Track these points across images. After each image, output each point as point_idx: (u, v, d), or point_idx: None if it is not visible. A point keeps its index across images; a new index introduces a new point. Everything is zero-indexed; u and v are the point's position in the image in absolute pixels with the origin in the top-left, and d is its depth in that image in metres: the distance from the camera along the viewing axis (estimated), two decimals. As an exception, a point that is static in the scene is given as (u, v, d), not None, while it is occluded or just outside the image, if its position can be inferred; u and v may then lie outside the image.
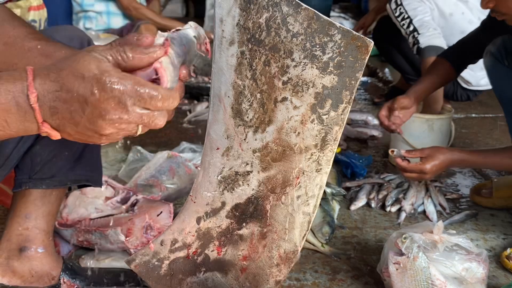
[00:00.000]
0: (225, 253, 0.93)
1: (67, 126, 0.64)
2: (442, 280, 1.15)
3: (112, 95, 0.61)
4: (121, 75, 0.62)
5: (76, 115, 0.63)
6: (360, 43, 0.73)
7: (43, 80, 0.63)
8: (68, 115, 0.63)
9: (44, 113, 0.63)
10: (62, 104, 0.63)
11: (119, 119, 0.63)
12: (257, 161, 0.84)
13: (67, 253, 1.41)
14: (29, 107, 0.62)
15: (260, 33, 0.75)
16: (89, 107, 0.62)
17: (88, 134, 0.65)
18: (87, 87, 0.61)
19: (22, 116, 0.63)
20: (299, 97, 0.78)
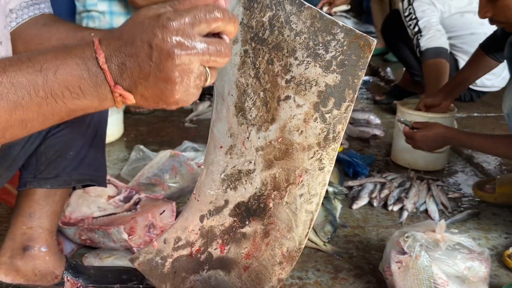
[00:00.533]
0: (228, 251, 0.94)
1: (138, 83, 0.63)
2: (444, 279, 1.15)
3: (175, 28, 0.60)
4: (176, 12, 0.62)
5: (145, 65, 0.62)
6: (363, 41, 0.74)
7: (107, 41, 0.63)
8: (137, 69, 0.62)
9: (114, 73, 0.63)
10: (129, 58, 0.62)
11: (186, 54, 0.61)
12: (260, 160, 0.85)
13: (70, 251, 1.41)
14: (99, 69, 0.62)
15: (264, 32, 0.76)
16: (155, 51, 0.61)
17: (161, 88, 0.63)
18: (148, 31, 0.61)
19: (94, 81, 0.63)
20: (302, 95, 0.79)
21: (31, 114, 0.62)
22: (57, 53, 0.63)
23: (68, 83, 0.62)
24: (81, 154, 1.20)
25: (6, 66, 0.61)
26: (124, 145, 2.35)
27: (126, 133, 2.47)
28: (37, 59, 0.62)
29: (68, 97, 0.63)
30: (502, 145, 1.59)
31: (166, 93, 0.64)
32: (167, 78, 0.62)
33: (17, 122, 0.62)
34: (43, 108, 0.63)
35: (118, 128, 2.41)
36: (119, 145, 2.33)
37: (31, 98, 0.61)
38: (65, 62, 0.62)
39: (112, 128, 2.30)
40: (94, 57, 0.62)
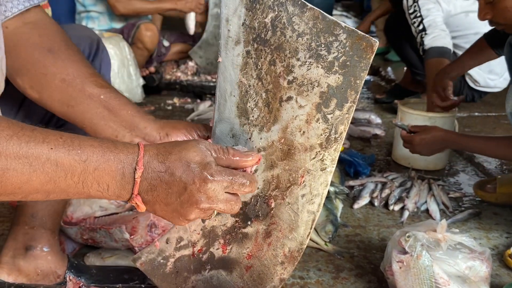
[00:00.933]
0: (230, 251, 0.94)
1: (157, 204, 0.72)
2: (445, 279, 1.16)
3: (210, 185, 0.70)
4: (220, 169, 0.72)
5: (172, 197, 0.71)
6: (365, 42, 0.74)
7: (151, 158, 0.71)
8: (163, 195, 0.71)
9: (142, 187, 0.71)
10: (161, 184, 0.71)
11: (209, 206, 0.72)
12: (262, 160, 0.85)
13: (72, 251, 1.41)
14: (132, 179, 0.70)
15: (266, 33, 0.76)
16: (187, 194, 0.70)
17: (173, 216, 0.73)
18: (189, 175, 0.70)
19: (122, 185, 0.71)
20: (304, 96, 0.79)
21: (58, 190, 0.69)
22: (105, 151, 0.70)
23: (101, 179, 0.69)
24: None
25: (58, 147, 0.67)
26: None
27: (127, 133, 2.47)
28: (86, 150, 0.69)
29: (95, 189, 0.70)
30: (503, 147, 1.59)
31: (175, 220, 0.74)
32: (184, 214, 0.73)
33: (43, 192, 0.69)
34: (69, 188, 0.69)
35: (119, 128, 2.40)
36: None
37: (65, 180, 0.68)
38: (107, 163, 0.69)
39: (113, 127, 2.30)
40: (133, 167, 0.70)
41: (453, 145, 1.76)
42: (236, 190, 0.74)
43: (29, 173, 0.66)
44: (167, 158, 0.70)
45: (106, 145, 0.70)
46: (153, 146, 0.73)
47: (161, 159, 0.70)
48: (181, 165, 0.70)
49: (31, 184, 0.67)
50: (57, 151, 0.67)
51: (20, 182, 0.66)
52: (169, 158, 0.70)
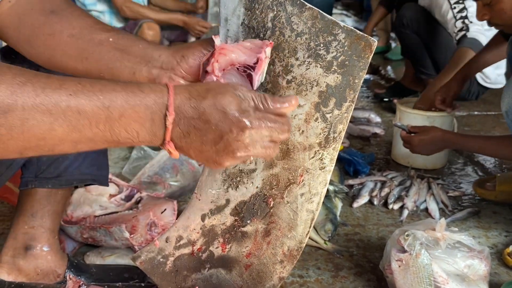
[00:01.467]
0: (230, 250, 0.94)
1: (192, 150, 0.68)
2: (444, 277, 1.16)
3: (248, 133, 0.66)
4: (259, 116, 0.67)
5: (207, 145, 0.67)
6: (364, 42, 0.74)
7: (183, 103, 0.65)
8: (198, 143, 0.67)
9: (175, 135, 0.66)
10: (195, 131, 0.66)
11: (246, 155, 0.68)
12: (261, 159, 0.85)
13: (72, 250, 1.42)
14: (163, 125, 0.65)
15: (265, 33, 0.76)
16: (223, 143, 0.66)
17: (208, 161, 0.69)
18: (226, 123, 0.65)
19: (153, 132, 0.66)
20: (303, 95, 0.79)
21: (84, 139, 0.65)
22: (130, 95, 0.64)
23: (129, 126, 0.65)
24: (83, 153, 1.20)
25: (78, 92, 0.62)
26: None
27: (127, 132, 2.47)
28: (108, 95, 0.64)
29: (124, 136, 0.66)
30: (503, 147, 1.59)
31: (210, 165, 0.70)
32: (219, 162, 0.69)
33: (70, 142, 0.65)
34: (97, 137, 0.65)
35: (119, 127, 2.41)
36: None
37: (90, 128, 0.64)
38: (133, 109, 0.64)
39: (113, 126, 2.30)
40: (164, 113, 0.65)
41: (452, 145, 1.76)
42: (275, 138, 0.70)
43: (50, 122, 0.61)
44: (201, 103, 0.65)
45: (130, 89, 0.65)
46: (183, 89, 0.68)
47: (194, 104, 0.65)
48: (217, 112, 0.65)
49: (54, 134, 0.62)
50: (76, 97, 0.62)
51: (43, 132, 0.61)
52: (203, 103, 0.65)
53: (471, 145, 1.69)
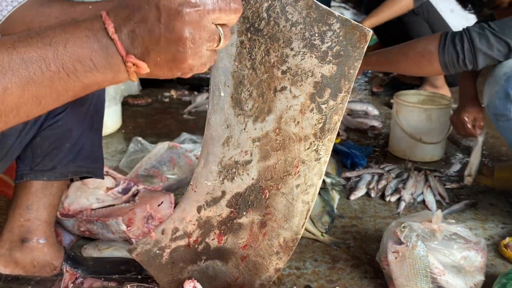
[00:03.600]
0: (226, 241, 0.94)
1: (150, 49, 0.62)
2: (440, 269, 1.16)
3: None
4: None
5: (155, 28, 0.61)
6: (359, 32, 0.74)
7: (115, 11, 0.62)
8: (147, 34, 0.61)
9: (124, 43, 0.62)
10: (138, 25, 0.61)
11: (196, 11, 0.60)
12: (256, 150, 0.85)
13: (69, 243, 1.42)
14: (109, 40, 0.61)
15: (259, 23, 0.76)
16: (163, 11, 0.60)
17: (173, 51, 0.62)
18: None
19: (105, 52, 0.62)
20: (298, 86, 0.79)
21: (44, 90, 0.61)
22: (66, 27, 0.62)
23: (79, 55, 0.61)
24: (78, 145, 1.20)
25: (16, 42, 0.60)
26: (122, 137, 2.35)
27: (124, 125, 2.47)
28: (46, 34, 0.61)
29: (81, 70, 0.62)
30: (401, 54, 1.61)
31: (178, 56, 0.62)
32: (178, 38, 0.61)
33: (31, 98, 0.61)
34: (55, 83, 0.61)
35: (116, 120, 2.41)
36: (117, 137, 2.33)
37: (42, 73, 0.60)
38: (74, 35, 0.61)
39: (111, 120, 2.30)
40: (103, 28, 0.61)
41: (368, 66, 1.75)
42: None
43: (0, 81, 0.59)
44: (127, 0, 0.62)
45: (66, 24, 0.63)
46: (108, 3, 0.69)
47: (123, 5, 0.62)
48: None
49: (10, 92, 0.59)
50: (17, 48, 0.60)
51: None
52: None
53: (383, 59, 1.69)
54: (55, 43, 0.60)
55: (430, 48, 1.52)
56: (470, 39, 1.47)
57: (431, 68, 1.56)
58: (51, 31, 0.61)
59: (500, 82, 1.43)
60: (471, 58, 1.49)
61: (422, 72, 1.78)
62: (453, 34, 1.51)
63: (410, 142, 2.09)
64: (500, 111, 1.44)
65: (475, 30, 1.47)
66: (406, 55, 1.60)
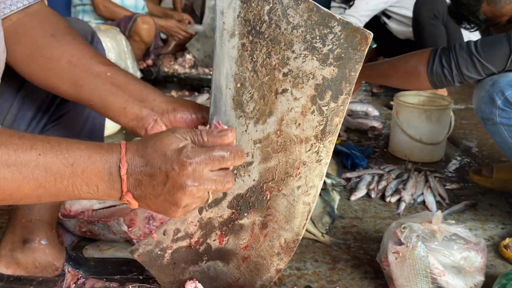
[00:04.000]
0: (227, 242, 0.95)
1: (148, 197, 0.74)
2: (440, 269, 1.17)
3: (190, 168, 0.71)
4: (195, 150, 0.72)
5: (158, 188, 0.72)
6: (360, 35, 0.74)
7: (132, 155, 0.72)
8: (150, 188, 0.73)
9: (129, 184, 0.72)
10: (146, 178, 0.72)
11: (197, 188, 0.72)
12: (258, 152, 0.86)
13: (71, 243, 1.42)
14: (118, 177, 0.72)
15: (261, 25, 0.76)
16: (170, 181, 0.71)
17: (166, 207, 0.74)
18: (167, 163, 0.71)
19: (111, 184, 0.72)
20: (300, 88, 0.79)
21: (48, 194, 0.71)
22: (91, 153, 0.72)
23: (90, 181, 0.72)
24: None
25: (46, 152, 0.69)
26: (123, 137, 2.35)
27: (125, 126, 2.47)
28: (73, 154, 0.71)
29: (85, 191, 0.72)
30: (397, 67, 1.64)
31: (169, 211, 0.75)
32: (175, 202, 0.73)
33: (34, 196, 0.71)
34: (60, 192, 0.71)
35: (117, 121, 2.41)
36: (118, 138, 2.34)
37: (54, 184, 0.70)
38: (94, 165, 0.71)
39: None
40: (118, 165, 0.72)
41: (363, 78, 1.77)
42: (219, 165, 0.74)
43: (19, 180, 0.68)
44: (145, 151, 0.72)
45: (92, 147, 0.72)
46: (133, 143, 0.74)
47: (140, 154, 0.72)
48: (158, 155, 0.72)
49: (21, 190, 0.69)
50: (45, 157, 0.69)
51: (11, 189, 0.68)
52: (147, 151, 0.72)
53: (375, 72, 1.72)
54: (76, 165, 0.70)
55: (419, 68, 1.57)
56: (457, 65, 1.51)
57: (420, 85, 1.63)
58: (78, 152, 0.71)
59: (486, 87, 1.46)
60: (460, 80, 1.54)
61: (411, 87, 1.87)
62: (441, 55, 1.53)
63: (410, 143, 2.09)
64: (486, 115, 1.47)
65: (462, 56, 1.49)
66: (397, 71, 1.66)
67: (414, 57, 1.61)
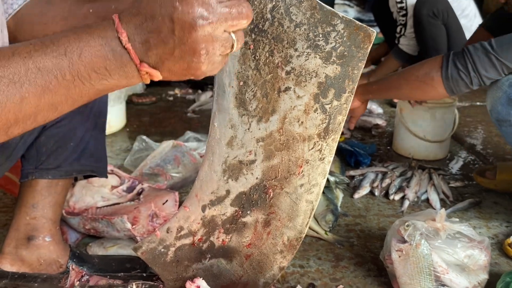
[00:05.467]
0: (230, 240, 0.95)
1: (165, 59, 0.63)
2: (444, 267, 1.17)
3: (196, 1, 0.60)
4: None
5: (168, 39, 0.62)
6: (363, 33, 0.74)
7: (128, 19, 0.63)
8: (161, 44, 0.62)
9: (138, 51, 0.63)
10: (151, 34, 0.62)
11: (209, 23, 0.61)
12: (260, 150, 0.86)
13: (75, 241, 1.43)
14: (123, 49, 0.62)
15: (264, 23, 0.76)
16: (177, 24, 0.61)
17: (187, 61, 0.63)
18: (167, 4, 0.61)
19: (119, 61, 0.63)
20: (302, 86, 0.79)
21: (60, 98, 0.63)
22: (80, 34, 0.62)
23: (94, 64, 0.62)
24: (82, 144, 1.21)
25: (31, 51, 0.61)
26: (126, 135, 2.36)
27: (129, 124, 2.48)
28: (61, 42, 0.62)
29: (95, 78, 0.63)
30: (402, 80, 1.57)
31: (192, 65, 0.63)
32: (193, 50, 0.62)
33: (47, 106, 0.63)
34: (71, 91, 0.63)
35: (121, 119, 2.42)
36: (122, 136, 2.34)
37: (58, 82, 0.62)
38: (88, 44, 0.62)
39: (115, 118, 2.31)
40: (117, 37, 0.62)
41: (367, 94, 1.71)
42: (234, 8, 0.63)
43: (18, 91, 0.60)
44: (139, 8, 0.63)
45: (79, 30, 0.63)
46: (126, 8, 0.65)
47: (135, 12, 0.63)
48: (154, 3, 0.62)
49: (28, 101, 0.61)
50: (32, 57, 0.61)
51: (16, 104, 0.60)
52: (141, 6, 0.63)
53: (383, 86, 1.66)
54: (70, 52, 0.61)
55: (431, 74, 1.49)
56: (474, 66, 1.43)
57: (436, 93, 1.53)
58: (65, 39, 0.62)
59: (503, 87, 1.42)
60: (478, 82, 1.46)
61: (426, 97, 1.74)
62: (455, 59, 1.46)
63: (414, 141, 2.09)
64: (502, 116, 1.43)
65: (478, 56, 1.42)
66: (407, 81, 1.57)
67: (426, 64, 1.54)
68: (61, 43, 0.62)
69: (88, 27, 0.64)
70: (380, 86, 1.68)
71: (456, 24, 2.80)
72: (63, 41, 0.62)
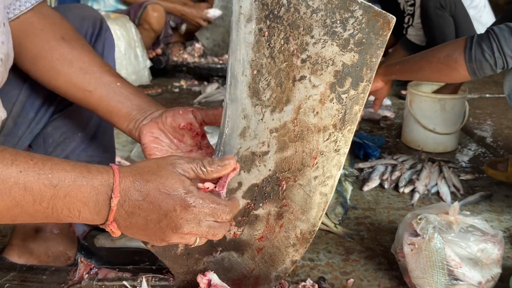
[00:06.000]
0: (242, 233, 0.93)
1: (135, 229, 0.71)
2: (457, 261, 1.15)
3: (192, 213, 0.71)
4: (201, 196, 0.72)
5: (150, 224, 0.70)
6: (382, 19, 0.71)
7: (128, 187, 0.69)
8: (142, 222, 0.70)
9: (118, 214, 0.69)
10: (139, 212, 0.69)
11: (189, 233, 0.72)
12: (274, 141, 0.83)
13: (82, 233, 1.41)
14: (106, 206, 0.68)
15: (279, 9, 0.73)
16: (166, 220, 0.70)
17: (150, 238, 0.73)
18: (170, 203, 0.70)
19: (96, 211, 0.68)
20: (318, 75, 0.77)
21: (24, 215, 0.66)
22: (78, 178, 0.67)
23: (72, 205, 0.67)
24: (89, 135, 1.19)
25: (28, 169, 0.64)
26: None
27: (135, 115, 2.46)
28: (58, 176, 0.66)
29: (65, 214, 0.67)
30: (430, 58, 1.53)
31: (153, 241, 0.74)
32: (162, 238, 0.72)
33: (9, 216, 0.66)
34: (37, 214, 0.66)
35: (127, 110, 2.40)
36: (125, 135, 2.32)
37: (33, 205, 0.65)
38: (79, 190, 0.67)
39: (121, 110, 2.29)
40: (109, 195, 0.68)
41: (388, 74, 1.69)
42: (217, 218, 0.74)
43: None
44: (145, 186, 0.69)
45: (79, 169, 0.67)
46: (128, 172, 0.71)
47: (138, 187, 0.69)
48: (160, 194, 0.69)
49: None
50: (26, 175, 0.64)
51: None
52: (147, 186, 0.69)
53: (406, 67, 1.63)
54: (59, 188, 0.65)
55: (454, 56, 1.45)
56: (499, 46, 1.38)
57: (458, 75, 1.49)
58: (63, 174, 0.66)
59: None
60: (502, 64, 1.40)
61: (448, 79, 1.72)
62: (479, 40, 1.42)
63: (424, 133, 2.06)
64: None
65: (504, 36, 1.37)
66: (430, 63, 1.53)
67: (448, 46, 1.51)
68: (56, 175, 0.65)
69: (88, 171, 0.68)
70: (402, 67, 1.65)
71: (465, 15, 2.76)
72: (60, 175, 0.66)
